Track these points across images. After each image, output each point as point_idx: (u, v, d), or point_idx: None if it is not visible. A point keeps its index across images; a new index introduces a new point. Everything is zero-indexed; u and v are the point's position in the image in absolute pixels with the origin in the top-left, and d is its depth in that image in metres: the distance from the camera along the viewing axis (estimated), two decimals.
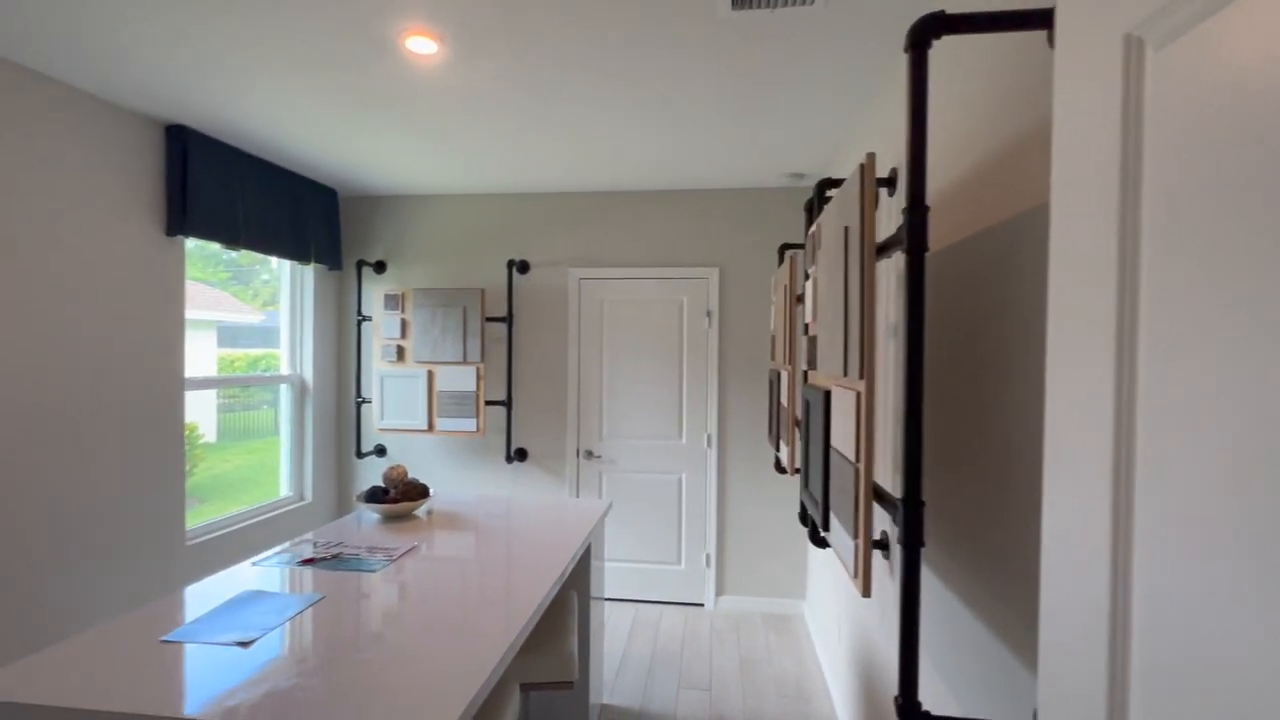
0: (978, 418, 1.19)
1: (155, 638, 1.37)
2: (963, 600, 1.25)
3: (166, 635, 1.37)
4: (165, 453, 2.73)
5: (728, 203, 3.67)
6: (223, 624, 1.44)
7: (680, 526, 3.71)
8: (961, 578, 1.26)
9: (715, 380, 3.66)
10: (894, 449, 1.77)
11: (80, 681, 1.18)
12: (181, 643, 1.35)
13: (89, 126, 2.38)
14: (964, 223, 1.28)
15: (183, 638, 1.36)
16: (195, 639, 1.36)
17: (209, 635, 1.38)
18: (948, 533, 1.35)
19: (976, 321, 1.20)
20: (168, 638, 1.36)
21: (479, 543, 2.09)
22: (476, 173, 3.39)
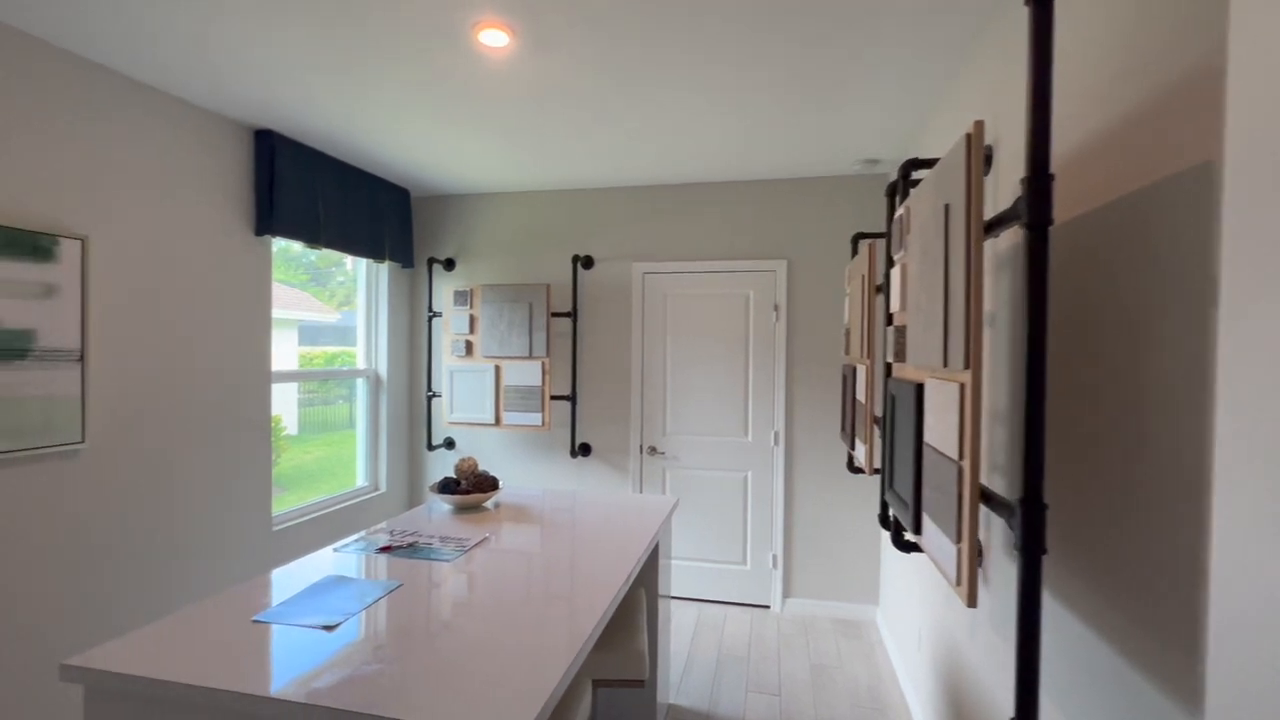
0: (1094, 407, 1.07)
1: (248, 617, 1.42)
2: (1080, 616, 1.13)
3: (258, 615, 1.42)
4: (254, 443, 2.88)
5: (796, 193, 3.54)
6: (308, 607, 1.48)
7: (746, 526, 3.62)
8: (1080, 590, 1.13)
9: (783, 376, 3.55)
10: (996, 446, 1.64)
11: (180, 656, 1.23)
12: (270, 623, 1.39)
13: (188, 132, 2.53)
14: (1079, 196, 1.16)
15: (272, 618, 1.41)
16: (283, 620, 1.40)
17: (296, 617, 1.42)
18: (1055, 538, 1.22)
19: (1095, 303, 1.08)
20: (259, 617, 1.41)
21: (548, 536, 2.09)
22: (542, 169, 3.41)
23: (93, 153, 2.18)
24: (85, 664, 1.19)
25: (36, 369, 2.00)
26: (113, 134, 2.24)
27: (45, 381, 2.03)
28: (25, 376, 1.98)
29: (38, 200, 2.03)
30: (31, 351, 1.99)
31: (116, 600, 2.28)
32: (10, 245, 1.93)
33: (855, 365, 2.56)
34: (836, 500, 3.50)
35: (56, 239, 2.05)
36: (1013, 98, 1.59)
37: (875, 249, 2.22)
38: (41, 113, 2.03)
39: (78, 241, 2.11)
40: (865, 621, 3.46)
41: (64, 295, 2.08)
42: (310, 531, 3.23)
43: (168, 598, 2.48)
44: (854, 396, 2.58)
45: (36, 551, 2.04)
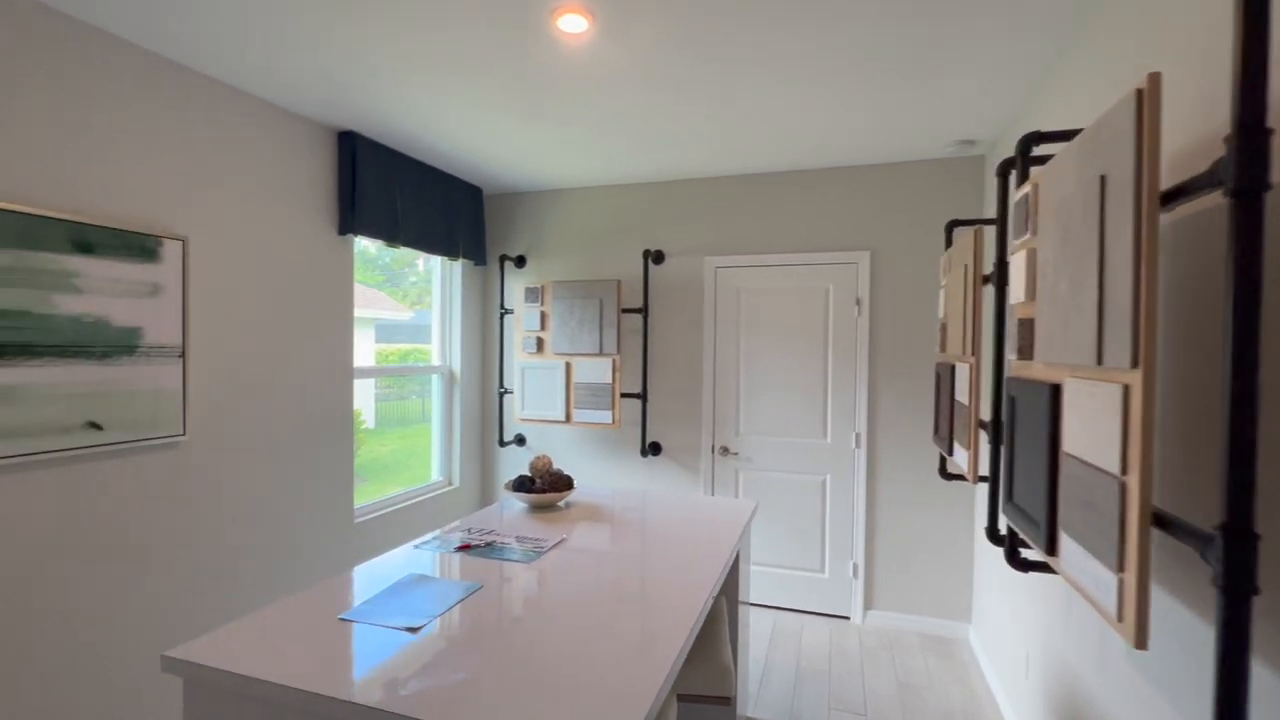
0: None
1: (334, 615, 1.41)
2: None
3: (344, 613, 1.41)
4: (337, 438, 2.96)
5: (881, 179, 3.32)
6: (392, 606, 1.46)
7: (824, 532, 3.45)
8: None
9: (865, 374, 3.34)
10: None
11: (272, 652, 1.23)
12: (356, 622, 1.38)
13: (275, 135, 2.61)
14: None
15: (357, 617, 1.40)
16: (368, 619, 1.39)
17: (380, 617, 1.40)
18: None
19: None
20: (344, 615, 1.40)
21: (625, 538, 2.02)
22: (613, 163, 3.35)
23: (190, 156, 2.27)
24: (184, 657, 1.21)
25: (144, 364, 2.11)
26: (207, 138, 2.33)
27: (151, 377, 2.13)
28: (134, 372, 2.08)
29: (143, 203, 2.13)
30: (139, 348, 2.09)
31: (211, 586, 2.39)
32: (121, 246, 2.03)
33: (954, 363, 2.36)
34: (924, 508, 3.27)
35: (160, 240, 2.15)
36: (1165, 57, 1.38)
37: (981, 235, 2.02)
38: (145, 119, 2.13)
39: (179, 242, 2.21)
40: (956, 639, 3.22)
41: (167, 294, 2.18)
42: (389, 525, 3.31)
43: (257, 587, 2.57)
44: (952, 397, 2.38)
45: (142, 539, 2.14)
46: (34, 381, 1.82)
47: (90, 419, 1.96)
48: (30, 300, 1.81)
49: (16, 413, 1.78)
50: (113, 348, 2.01)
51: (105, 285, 1.99)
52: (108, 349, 2.00)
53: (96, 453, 1.99)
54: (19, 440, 1.79)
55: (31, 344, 1.82)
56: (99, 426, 1.98)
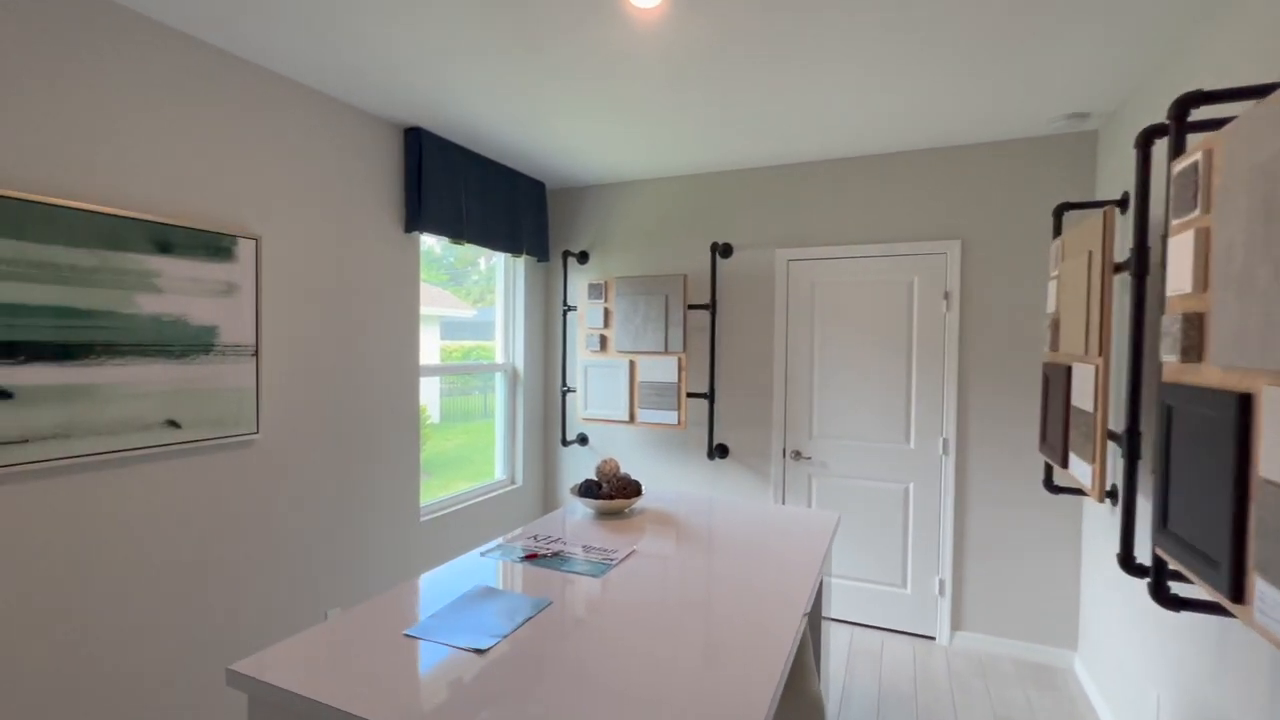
0: None
1: (399, 630, 1.34)
2: None
3: (409, 629, 1.34)
4: (404, 435, 2.95)
5: (974, 162, 3.04)
6: (458, 623, 1.38)
7: (906, 544, 3.20)
8: None
9: (954, 374, 3.07)
10: None
11: (336, 672, 1.16)
12: (421, 639, 1.30)
13: (344, 132, 2.60)
14: None
15: (423, 634, 1.32)
16: (434, 637, 1.31)
17: (447, 635, 1.32)
18: None
19: None
20: (410, 632, 1.32)
21: (698, 550, 1.88)
22: (679, 152, 3.20)
23: (262, 154, 2.28)
24: (250, 673, 1.15)
25: (219, 363, 2.12)
26: (278, 136, 2.34)
27: (227, 375, 2.15)
28: (211, 370, 2.10)
29: (218, 202, 2.14)
30: (215, 346, 2.11)
31: (283, 586, 2.40)
32: (199, 246, 2.05)
33: (1071, 364, 2.09)
34: (1023, 523, 2.97)
35: (235, 239, 2.16)
36: None
37: (1113, 217, 1.76)
38: (219, 118, 2.14)
39: (252, 241, 2.22)
40: (1059, 669, 2.91)
41: (241, 293, 2.19)
42: (453, 524, 3.29)
43: (328, 587, 2.58)
44: (1067, 402, 2.11)
45: (216, 537, 2.17)
46: (117, 380, 1.85)
47: (169, 417, 1.98)
48: (115, 300, 1.84)
49: (102, 411, 1.81)
50: (190, 346, 2.04)
51: (184, 284, 2.01)
52: (186, 348, 2.02)
53: (175, 450, 2.02)
54: (104, 438, 1.82)
55: (115, 343, 1.85)
56: (177, 425, 2.00)
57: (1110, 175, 2.59)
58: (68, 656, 1.79)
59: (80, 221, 1.76)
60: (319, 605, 2.56)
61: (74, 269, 1.75)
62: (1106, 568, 2.50)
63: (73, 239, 1.75)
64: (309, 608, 2.51)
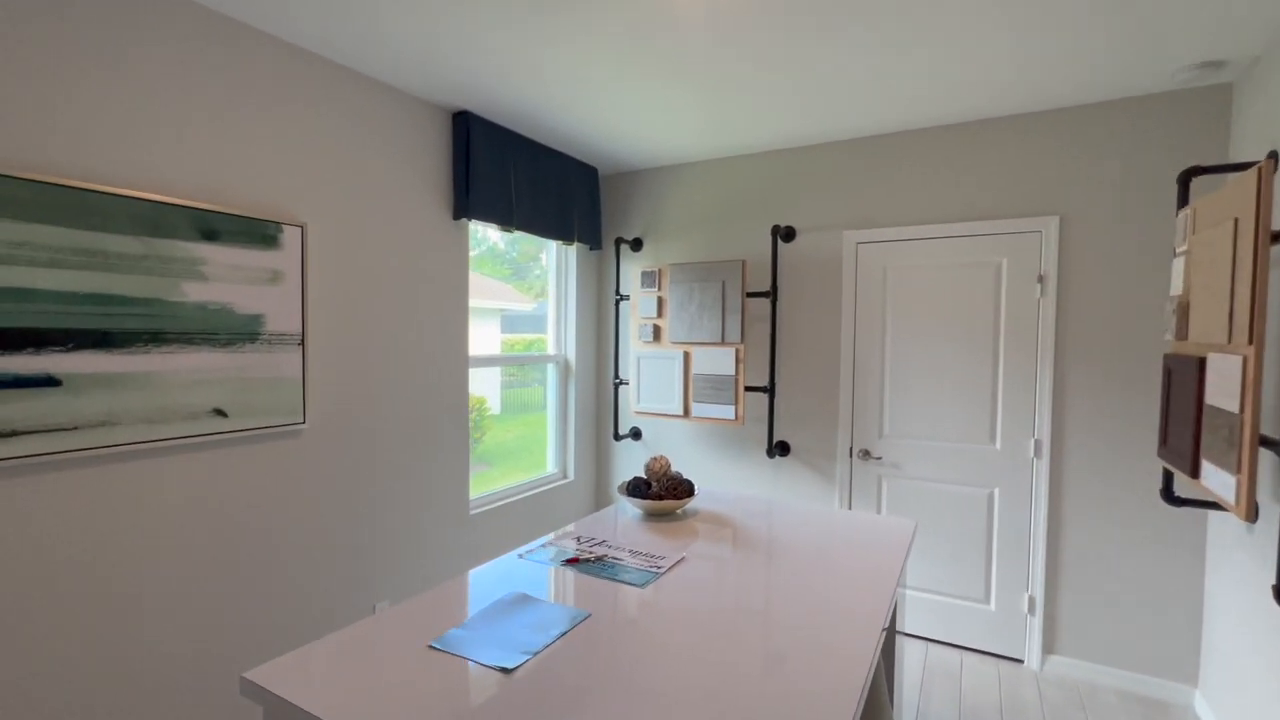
0: None
1: (425, 640, 1.23)
2: None
3: (435, 641, 1.23)
4: (453, 427, 2.89)
5: (1078, 125, 2.67)
6: (488, 635, 1.25)
7: (990, 556, 2.88)
8: None
9: (1049, 368, 2.73)
10: None
11: (353, 688, 1.06)
12: (447, 652, 1.18)
13: (391, 117, 2.54)
14: None
15: (449, 647, 1.20)
16: (460, 650, 1.19)
17: (473, 649, 1.20)
18: None
19: None
20: (435, 644, 1.21)
21: (754, 560, 1.69)
22: (737, 129, 2.99)
23: (307, 141, 2.24)
24: (262, 683, 1.07)
25: (265, 352, 2.10)
26: (324, 122, 2.30)
27: (273, 364, 2.12)
28: (257, 359, 2.08)
29: (264, 189, 2.11)
30: (261, 335, 2.09)
31: (328, 579, 2.38)
32: (244, 234, 2.02)
33: (1203, 355, 1.77)
34: (1133, 537, 2.61)
35: (281, 226, 2.13)
36: None
37: (1270, 175, 1.44)
38: (264, 104, 2.11)
39: (298, 229, 2.19)
40: (1176, 705, 2.54)
41: (287, 281, 2.16)
42: (503, 518, 3.22)
43: (374, 581, 2.55)
44: (1199, 400, 1.79)
45: (263, 527, 2.15)
46: (164, 369, 1.84)
47: (216, 406, 1.97)
48: (161, 288, 1.83)
49: (149, 399, 1.81)
50: (236, 335, 2.02)
51: (229, 272, 1.99)
52: (231, 336, 2.00)
53: (221, 440, 2.01)
54: (152, 426, 1.82)
55: (162, 331, 1.84)
56: (224, 414, 1.99)
57: (1252, 132, 2.20)
58: (113, 642, 1.80)
59: (127, 209, 1.75)
60: (367, 599, 2.53)
61: (121, 256, 1.74)
62: (1246, 596, 2.14)
63: (119, 226, 1.74)
64: (357, 601, 2.48)
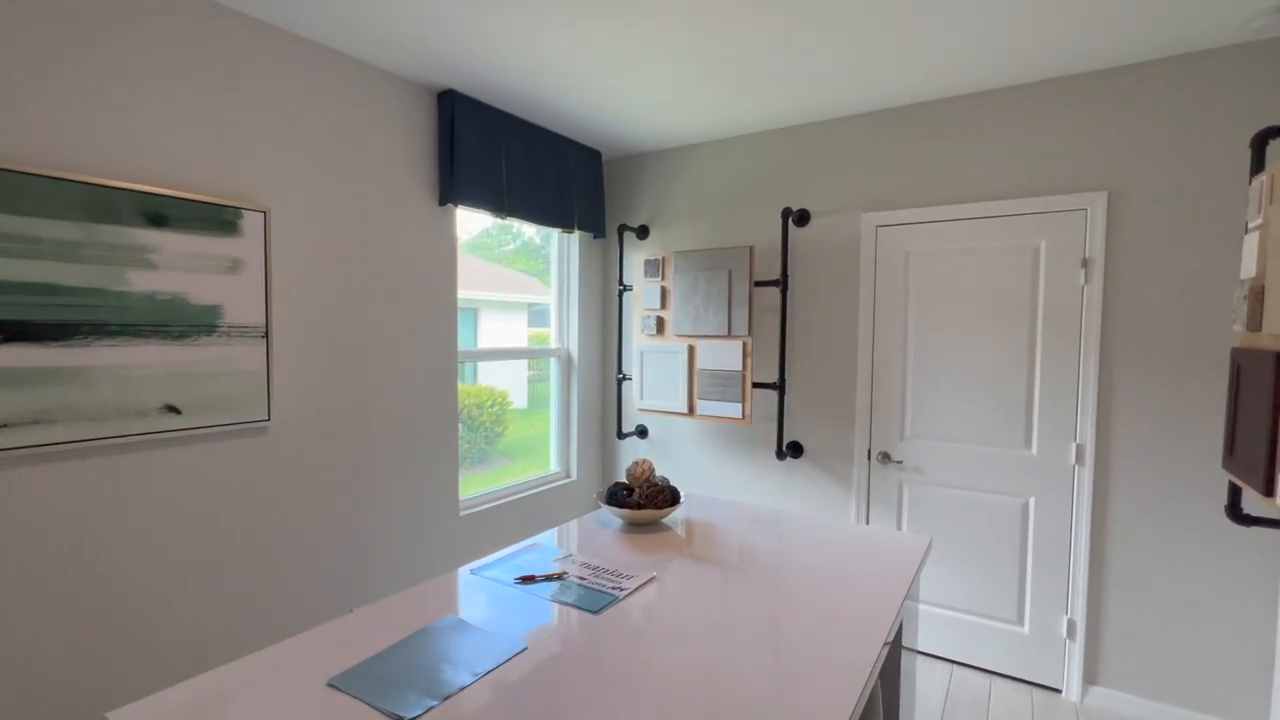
0: None
1: (325, 675, 1.07)
2: None
3: (335, 677, 1.06)
4: (441, 425, 2.75)
5: (1130, 87, 2.35)
6: (400, 670, 1.09)
7: (1024, 573, 2.59)
8: None
9: (1094, 364, 2.42)
10: None
11: None
12: (344, 693, 1.02)
13: (368, 98, 2.40)
14: None
15: (349, 686, 1.04)
16: (360, 691, 1.02)
17: (377, 689, 1.03)
18: None
19: None
20: (334, 681, 1.05)
21: (736, 582, 1.48)
22: (746, 104, 2.75)
23: (273, 121, 2.11)
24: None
25: (224, 345, 1.98)
26: (293, 102, 2.16)
27: (233, 358, 2.01)
28: (214, 353, 1.96)
29: (221, 172, 1.99)
30: (218, 327, 1.97)
31: (300, 581, 2.27)
32: (197, 219, 1.91)
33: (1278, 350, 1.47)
34: (1192, 557, 2.29)
35: (240, 211, 2.01)
36: None
37: None
38: (223, 80, 1.98)
39: (260, 214, 2.06)
40: None
41: (248, 270, 2.04)
42: (498, 518, 3.08)
43: (352, 581, 2.43)
44: (1276, 402, 1.49)
45: (225, 530, 2.04)
46: (107, 363, 1.74)
47: (168, 402, 1.86)
48: (102, 277, 1.72)
49: (90, 395, 1.71)
50: (190, 327, 1.90)
51: (181, 260, 1.87)
52: (185, 328, 1.89)
53: (175, 438, 1.90)
54: (94, 424, 1.72)
55: (104, 323, 1.73)
56: (177, 410, 1.88)
57: None
58: (52, 661, 1.71)
59: (62, 193, 1.64)
60: (343, 603, 2.41)
61: (56, 243, 1.64)
62: None
63: (54, 211, 1.63)
64: (333, 605, 2.37)
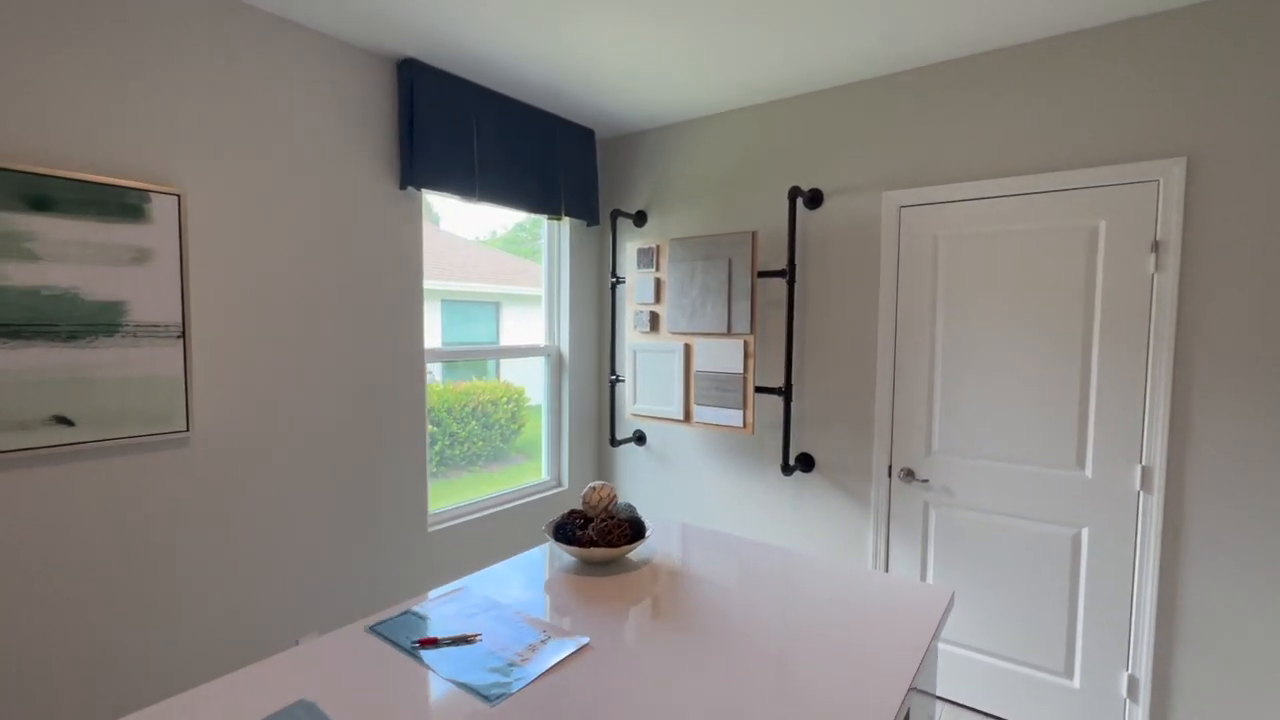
0: None
1: None
2: None
3: None
4: (406, 431, 2.49)
5: (1209, 30, 1.90)
6: None
7: (1075, 617, 2.18)
8: None
9: (1166, 369, 1.99)
10: None
11: None
12: None
13: (314, 67, 2.13)
14: None
15: None
16: None
17: None
18: None
19: None
20: None
21: (690, 651, 1.15)
22: (752, 67, 2.38)
23: (191, 92, 1.86)
24: None
25: (129, 347, 1.75)
26: (217, 71, 1.91)
27: (141, 361, 1.77)
28: (116, 356, 1.72)
29: (124, 149, 1.75)
30: (122, 327, 1.73)
31: (235, 610, 2.03)
32: (91, 203, 1.67)
33: None
34: None
35: (147, 195, 1.76)
36: None
37: None
38: (126, 43, 1.73)
39: (173, 197, 1.81)
40: None
41: (159, 261, 1.79)
42: (474, 533, 2.81)
43: (299, 609, 2.19)
44: None
45: (134, 557, 1.81)
46: None
47: (57, 413, 1.63)
48: None
49: None
50: (85, 327, 1.67)
51: (72, 251, 1.64)
52: (78, 328, 1.65)
53: (67, 453, 1.67)
54: None
55: None
56: (69, 422, 1.65)
57: None
58: None
59: None
60: (289, 632, 2.17)
61: None
62: None
63: None
64: (276, 636, 2.13)
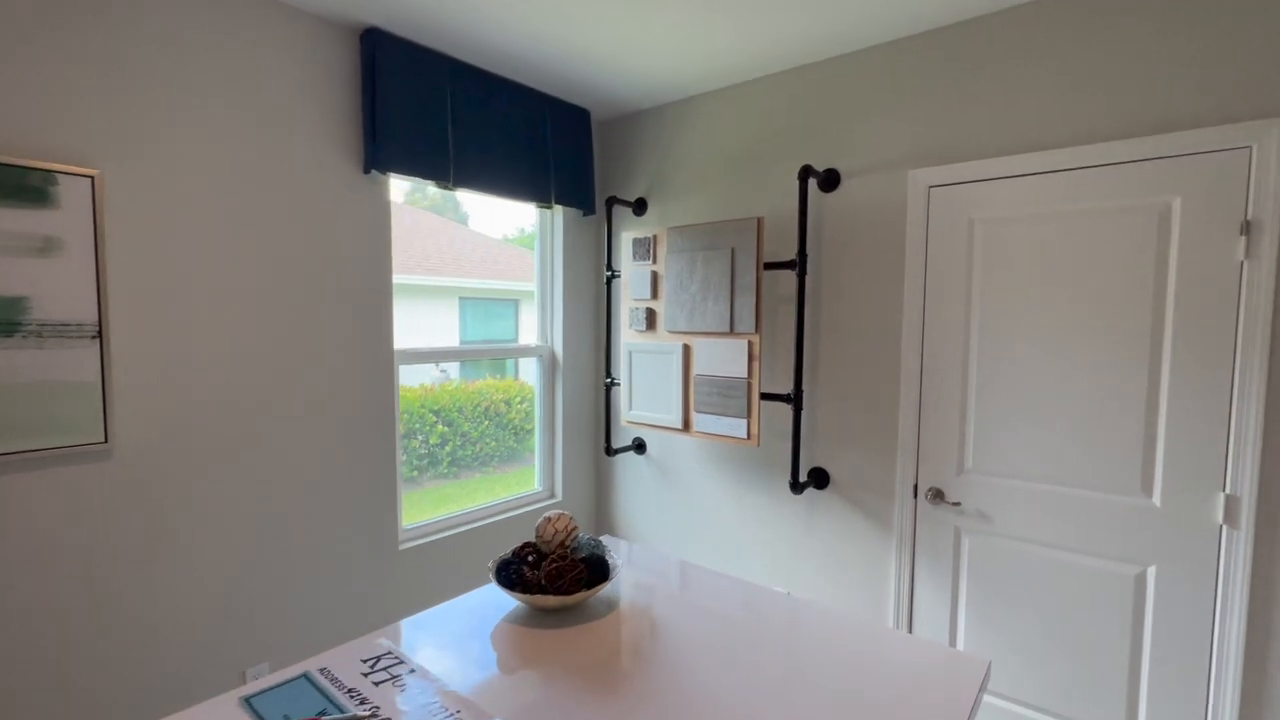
0: None
1: None
2: None
3: None
4: (373, 440, 2.26)
5: None
6: None
7: (1139, 670, 1.84)
8: None
9: (1260, 378, 1.63)
10: None
11: None
12: None
13: (264, 35, 1.91)
14: None
15: None
16: None
17: None
18: None
19: None
20: None
21: None
22: (760, 37, 2.08)
23: (110, 60, 1.64)
24: None
25: (32, 348, 1.54)
26: (144, 36, 1.69)
27: (49, 364, 1.56)
28: (20, 358, 1.52)
29: (25, 123, 1.54)
30: (23, 326, 1.53)
31: (168, 643, 1.82)
32: None
33: None
34: None
35: (54, 176, 1.55)
36: None
37: None
38: (32, 5, 1.52)
39: (86, 179, 1.60)
40: None
41: (69, 251, 1.58)
42: (452, 550, 2.57)
43: (247, 637, 1.97)
44: None
45: (51, 581, 1.61)
46: None
47: None
48: None
49: None
50: None
51: None
52: None
53: None
54: None
55: None
56: None
57: None
58: None
59: None
60: (236, 664, 1.96)
61: None
62: None
63: None
64: (220, 674, 1.92)
